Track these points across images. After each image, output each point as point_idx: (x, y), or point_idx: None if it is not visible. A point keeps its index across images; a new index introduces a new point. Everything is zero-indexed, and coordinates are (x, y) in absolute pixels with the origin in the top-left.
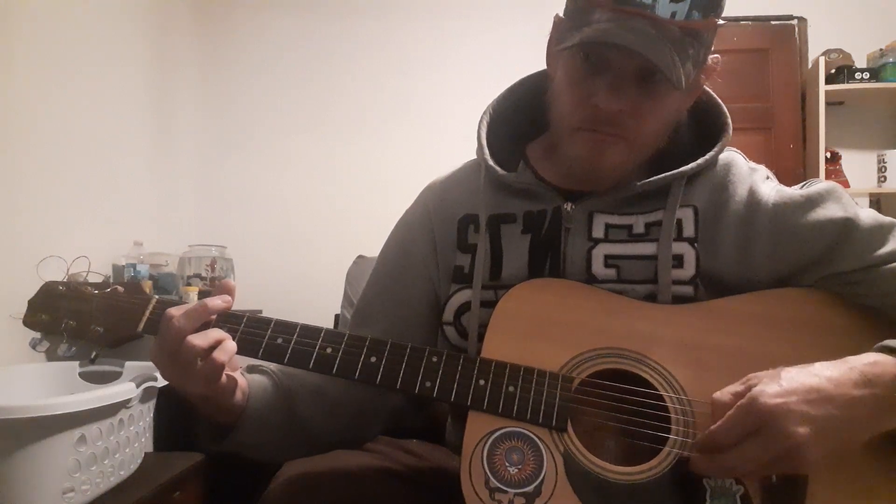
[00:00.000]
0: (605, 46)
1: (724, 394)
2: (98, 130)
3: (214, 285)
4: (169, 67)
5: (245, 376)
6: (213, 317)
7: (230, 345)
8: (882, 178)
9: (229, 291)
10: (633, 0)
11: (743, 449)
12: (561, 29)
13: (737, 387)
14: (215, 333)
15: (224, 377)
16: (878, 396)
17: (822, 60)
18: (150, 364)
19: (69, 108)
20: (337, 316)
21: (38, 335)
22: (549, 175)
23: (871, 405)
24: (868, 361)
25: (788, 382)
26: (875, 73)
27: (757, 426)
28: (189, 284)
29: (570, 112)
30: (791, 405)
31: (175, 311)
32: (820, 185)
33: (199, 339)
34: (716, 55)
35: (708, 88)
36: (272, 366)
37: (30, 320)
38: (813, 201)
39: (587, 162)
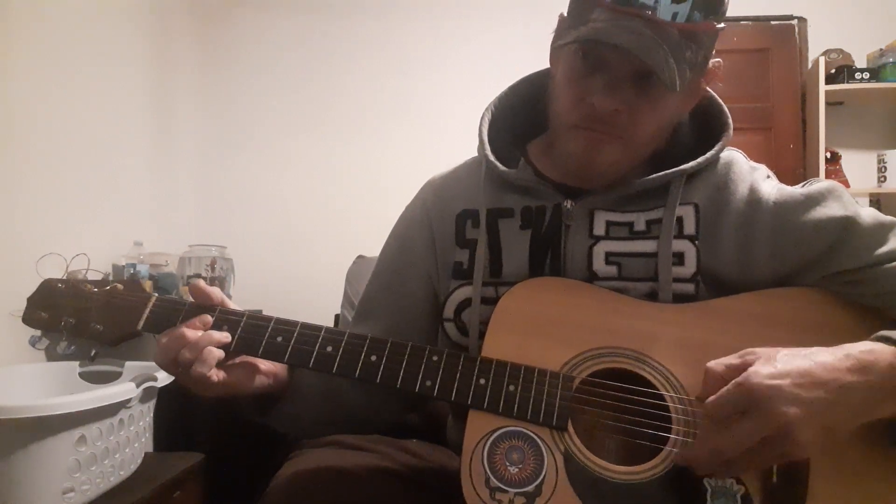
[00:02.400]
0: (600, 45)
1: (718, 364)
2: (98, 130)
3: (215, 284)
4: (169, 67)
5: None
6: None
7: (210, 355)
8: (882, 178)
9: (202, 294)
10: (633, 0)
11: (734, 429)
12: (562, 27)
13: (733, 359)
14: (204, 341)
15: (222, 375)
16: (872, 383)
17: (822, 60)
18: (150, 364)
19: (69, 108)
20: (337, 316)
21: (37, 333)
22: (549, 172)
23: (863, 391)
24: (864, 349)
25: (783, 364)
26: (875, 73)
27: (747, 405)
28: (189, 284)
29: (568, 110)
30: (783, 387)
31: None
32: (821, 184)
33: (189, 353)
34: (717, 59)
35: (709, 88)
36: None
37: (29, 318)
38: (814, 200)
39: (582, 159)
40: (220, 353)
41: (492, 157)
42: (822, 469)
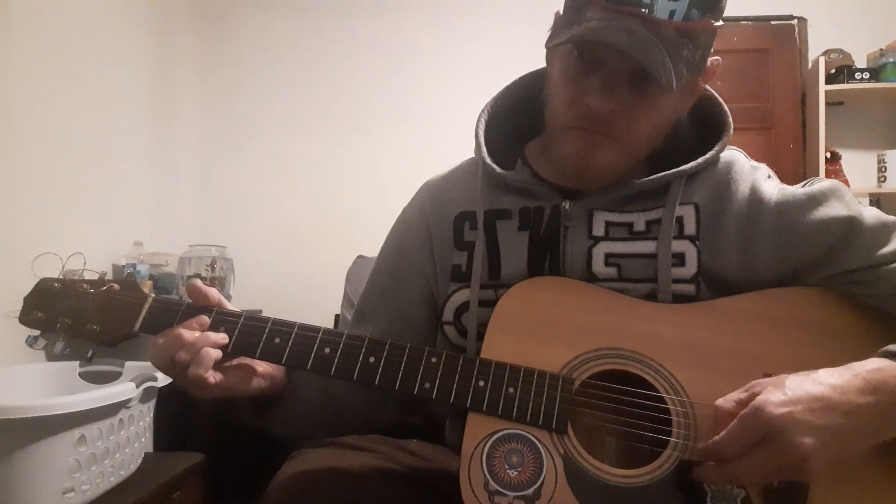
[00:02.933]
0: (594, 45)
1: (727, 401)
2: (98, 131)
3: (215, 284)
4: (169, 67)
5: None
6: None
7: (206, 357)
8: (882, 178)
9: (198, 292)
10: None
11: (748, 459)
12: (557, 25)
13: (740, 394)
14: (200, 343)
15: (218, 377)
16: (882, 403)
17: (822, 60)
18: (151, 364)
19: (69, 109)
20: (337, 316)
21: (34, 333)
22: (547, 173)
23: (875, 413)
24: (871, 368)
25: (793, 391)
26: (875, 73)
27: (761, 436)
28: (186, 285)
29: (563, 110)
30: (796, 414)
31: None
32: (823, 183)
33: (185, 355)
34: (716, 58)
35: (709, 87)
36: None
37: (25, 318)
38: (816, 200)
39: (578, 160)
40: (217, 354)
41: (488, 160)
42: (822, 475)
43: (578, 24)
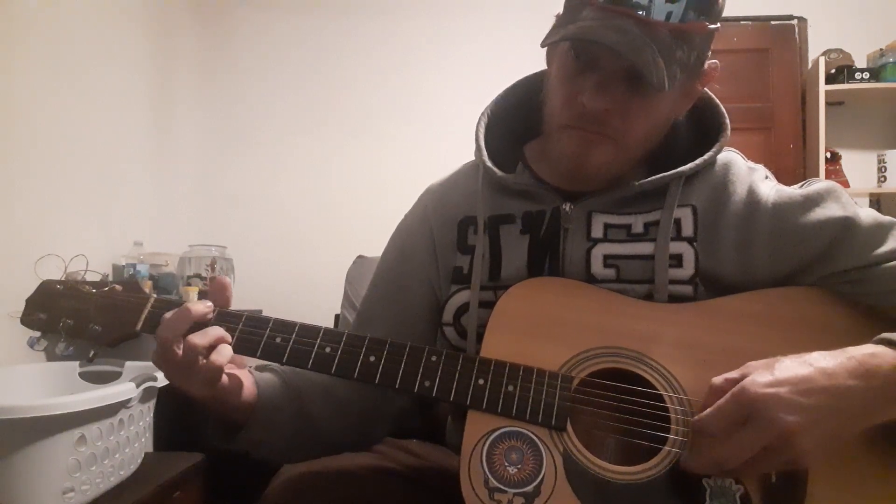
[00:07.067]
0: (585, 43)
1: (719, 379)
2: (98, 131)
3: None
4: (169, 68)
5: (254, 374)
6: (210, 317)
7: (226, 349)
8: (882, 178)
9: (223, 288)
10: (624, 0)
11: (734, 439)
12: (553, 26)
13: (734, 373)
14: (216, 331)
15: (225, 378)
16: (873, 388)
17: (822, 60)
18: (151, 364)
19: (70, 109)
20: (337, 316)
21: (36, 334)
22: (547, 175)
23: (864, 396)
24: (867, 352)
25: (781, 372)
26: (875, 73)
27: (746, 415)
28: (189, 284)
29: (559, 109)
30: (781, 394)
31: (167, 314)
32: (819, 184)
33: (199, 338)
34: (714, 61)
35: (706, 89)
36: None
37: (28, 319)
38: (813, 200)
39: (573, 160)
40: (230, 351)
41: (489, 163)
42: (821, 469)
43: (573, 24)
